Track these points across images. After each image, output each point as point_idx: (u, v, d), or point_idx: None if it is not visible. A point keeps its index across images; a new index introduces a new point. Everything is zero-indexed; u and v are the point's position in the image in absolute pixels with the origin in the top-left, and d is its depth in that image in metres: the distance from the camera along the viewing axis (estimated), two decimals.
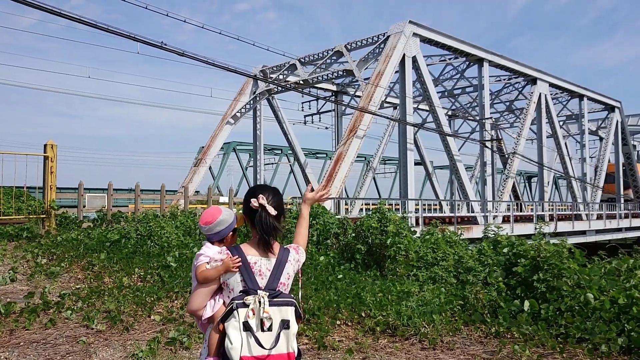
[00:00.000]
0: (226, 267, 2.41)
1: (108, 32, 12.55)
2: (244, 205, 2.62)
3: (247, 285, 2.40)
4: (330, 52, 24.39)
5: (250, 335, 2.29)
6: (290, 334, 2.38)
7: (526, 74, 29.26)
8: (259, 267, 2.45)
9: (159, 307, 6.58)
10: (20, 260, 8.66)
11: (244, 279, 2.41)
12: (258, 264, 2.45)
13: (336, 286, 7.69)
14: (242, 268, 2.42)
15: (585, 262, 6.99)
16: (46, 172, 11.53)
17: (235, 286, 2.42)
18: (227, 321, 2.34)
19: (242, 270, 2.42)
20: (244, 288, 2.40)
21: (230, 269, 2.41)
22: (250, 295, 2.36)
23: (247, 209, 2.55)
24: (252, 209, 2.50)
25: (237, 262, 2.41)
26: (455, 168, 23.62)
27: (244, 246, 2.51)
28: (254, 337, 2.29)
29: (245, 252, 2.47)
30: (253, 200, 2.49)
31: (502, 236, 9.09)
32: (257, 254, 2.48)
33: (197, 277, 2.48)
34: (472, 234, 19.94)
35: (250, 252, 2.48)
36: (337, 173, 19.33)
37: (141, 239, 10.10)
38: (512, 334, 5.80)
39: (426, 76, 23.05)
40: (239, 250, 2.47)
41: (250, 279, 2.41)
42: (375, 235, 9.46)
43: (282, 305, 2.40)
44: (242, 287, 2.41)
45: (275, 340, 2.33)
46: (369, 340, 5.68)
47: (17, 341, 5.19)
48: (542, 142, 29.91)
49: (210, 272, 2.44)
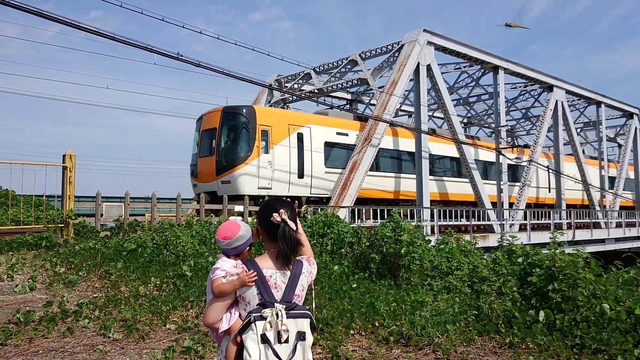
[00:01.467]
0: (242, 282, 2.44)
1: (126, 44, 12.77)
2: (261, 219, 2.63)
3: (263, 299, 2.44)
4: (344, 61, 24.49)
5: (268, 348, 2.33)
6: (306, 346, 2.42)
7: (542, 81, 29.07)
8: (275, 280, 2.49)
9: (174, 316, 6.65)
10: (39, 269, 8.81)
11: (260, 292, 2.45)
12: (273, 277, 2.49)
13: (350, 295, 7.70)
14: (258, 281, 2.46)
15: (602, 272, 6.91)
16: (65, 182, 11.72)
17: (251, 299, 2.46)
18: (244, 334, 2.38)
19: (258, 283, 2.45)
20: (261, 301, 2.44)
21: (246, 284, 2.44)
22: (268, 308, 2.39)
23: (265, 223, 2.58)
24: (271, 223, 2.54)
25: (253, 276, 2.45)
26: (471, 175, 23.49)
27: (259, 259, 2.55)
28: (272, 349, 2.33)
29: (260, 265, 2.50)
30: (275, 215, 2.52)
31: (516, 245, 9.04)
32: (272, 267, 2.51)
33: (213, 291, 2.51)
34: (488, 243, 19.80)
35: (265, 265, 2.51)
36: (351, 182, 19.34)
37: (157, 248, 10.21)
38: (526, 345, 5.76)
39: (441, 84, 23.02)
40: (254, 264, 2.50)
41: (266, 292, 2.45)
42: (390, 245, 9.46)
43: (298, 318, 2.44)
44: (258, 300, 2.44)
45: (292, 352, 2.37)
46: (383, 350, 5.68)
47: (36, 349, 5.28)
48: (559, 149, 29.63)
49: (226, 286, 2.47)
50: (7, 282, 7.94)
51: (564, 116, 29.97)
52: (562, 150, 29.94)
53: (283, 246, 2.50)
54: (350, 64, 24.51)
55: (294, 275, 2.53)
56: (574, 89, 31.56)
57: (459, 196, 25.41)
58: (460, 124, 28.63)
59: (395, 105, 21.54)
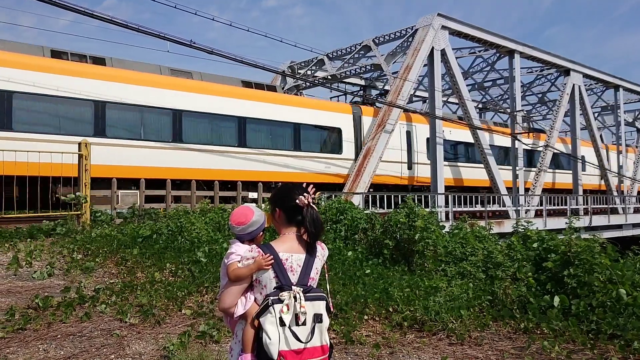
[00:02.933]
0: (259, 266, 2.45)
1: (139, 31, 12.81)
2: (279, 202, 2.63)
3: (280, 282, 2.45)
4: (358, 46, 24.32)
5: (287, 330, 2.34)
6: (323, 328, 2.44)
7: (559, 64, 28.60)
8: (291, 263, 2.49)
9: (189, 301, 6.72)
10: (57, 255, 8.93)
11: (277, 276, 2.46)
12: (289, 261, 2.50)
13: (364, 281, 7.72)
14: (275, 264, 2.46)
15: (618, 257, 6.84)
16: (80, 170, 11.83)
17: (268, 283, 2.47)
18: (262, 317, 2.39)
19: (274, 266, 2.46)
20: (278, 284, 2.45)
21: (263, 267, 2.45)
22: (285, 291, 2.41)
23: (285, 206, 2.59)
24: (291, 206, 2.55)
25: (270, 260, 2.46)
26: (486, 161, 23.30)
27: (274, 243, 2.55)
28: (291, 331, 2.34)
29: (276, 248, 2.51)
30: (302, 198, 2.53)
31: (531, 231, 8.97)
32: (287, 250, 2.52)
33: (229, 275, 2.51)
34: (503, 229, 19.66)
35: (280, 248, 2.52)
36: (365, 168, 19.29)
37: (172, 234, 10.29)
38: (541, 330, 5.73)
39: (455, 69, 22.77)
40: (270, 247, 2.50)
41: (283, 275, 2.46)
42: (403, 230, 9.44)
43: (314, 300, 2.46)
44: (275, 284, 2.45)
45: (310, 334, 2.39)
46: (396, 335, 5.70)
47: (54, 334, 5.38)
48: (576, 134, 29.24)
49: (242, 270, 2.48)
50: (25, 268, 8.07)
51: (581, 100, 29.52)
52: (579, 135, 29.54)
53: (311, 228, 2.51)
54: (364, 49, 24.33)
55: (309, 258, 2.54)
56: (592, 73, 31.03)
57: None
58: (475, 109, 28.33)
59: (409, 90, 21.36)
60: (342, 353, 5.19)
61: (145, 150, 15.70)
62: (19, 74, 13.65)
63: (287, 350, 2.33)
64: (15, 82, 13.60)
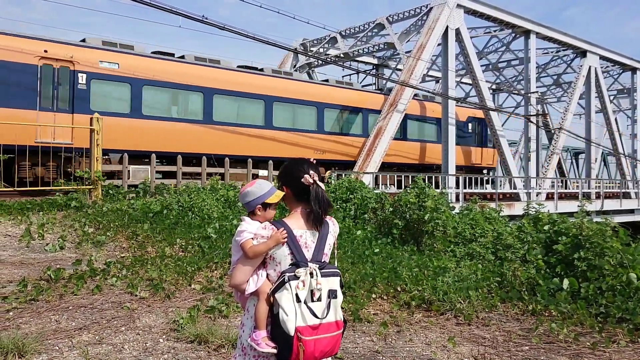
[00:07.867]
0: (276, 241, 2.43)
1: (151, 6, 12.72)
2: (287, 179, 2.61)
3: (295, 258, 2.44)
4: (371, 24, 24.03)
5: (304, 306, 2.35)
6: (337, 303, 2.45)
7: (575, 46, 28.14)
8: (305, 240, 2.49)
9: (199, 276, 6.78)
10: (69, 229, 9.03)
11: (292, 252, 2.45)
12: (304, 237, 2.49)
13: (372, 260, 7.73)
14: (289, 241, 2.45)
15: (630, 241, 6.78)
16: (92, 145, 11.88)
17: (282, 259, 2.46)
18: (278, 293, 2.38)
19: (289, 243, 2.45)
20: (293, 261, 2.44)
21: (280, 241, 2.44)
22: (301, 268, 2.40)
23: (293, 182, 2.57)
24: (300, 183, 2.53)
25: (285, 235, 2.46)
26: (498, 143, 23.11)
27: (287, 220, 2.54)
28: (308, 307, 2.35)
29: (290, 225, 2.50)
30: (307, 177, 2.51)
31: (543, 213, 8.92)
32: (301, 227, 2.51)
33: (247, 253, 2.50)
34: (513, 211, 19.59)
35: (293, 225, 2.50)
36: (376, 148, 19.22)
37: (183, 210, 10.35)
38: (549, 312, 5.72)
39: (470, 49, 22.47)
40: (284, 223, 2.49)
41: (298, 251, 2.45)
42: (413, 211, 9.42)
43: (329, 276, 2.46)
44: (290, 260, 2.44)
45: (326, 309, 2.39)
46: (404, 314, 5.72)
47: (66, 305, 5.45)
48: (590, 117, 28.88)
49: (260, 247, 2.46)
50: (38, 241, 8.17)
51: (596, 83, 29.10)
52: (594, 118, 29.18)
53: (316, 207, 2.49)
54: (377, 27, 24.04)
55: (322, 234, 2.54)
56: (609, 55, 30.52)
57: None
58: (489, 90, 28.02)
59: (423, 70, 21.15)
60: (349, 330, 5.22)
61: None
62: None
63: (304, 325, 2.33)
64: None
